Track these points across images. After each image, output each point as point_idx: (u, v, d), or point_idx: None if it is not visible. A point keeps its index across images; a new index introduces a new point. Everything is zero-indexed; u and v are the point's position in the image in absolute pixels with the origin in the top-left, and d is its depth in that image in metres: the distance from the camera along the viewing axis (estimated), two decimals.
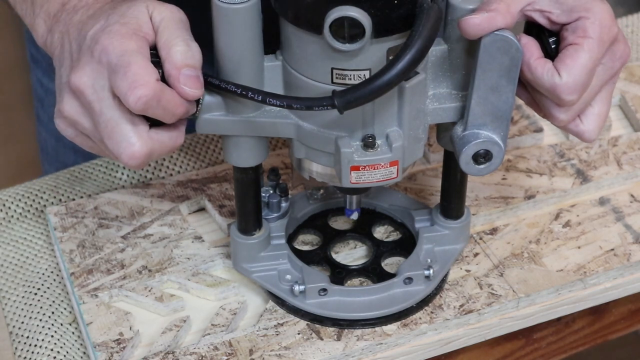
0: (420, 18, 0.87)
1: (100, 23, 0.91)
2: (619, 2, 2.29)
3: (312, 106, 0.90)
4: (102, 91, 0.89)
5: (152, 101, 0.87)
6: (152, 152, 0.90)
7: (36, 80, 1.42)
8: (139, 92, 0.86)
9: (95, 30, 0.90)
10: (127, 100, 0.87)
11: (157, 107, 0.88)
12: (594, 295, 1.09)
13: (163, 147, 0.91)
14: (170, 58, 0.89)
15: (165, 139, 0.91)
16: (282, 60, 0.95)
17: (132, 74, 0.87)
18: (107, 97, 0.89)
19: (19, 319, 1.09)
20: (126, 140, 0.89)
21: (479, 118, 0.95)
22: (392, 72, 0.86)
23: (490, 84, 0.93)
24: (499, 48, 0.91)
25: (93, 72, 0.89)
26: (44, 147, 1.45)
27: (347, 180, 0.95)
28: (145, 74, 0.87)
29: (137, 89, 0.86)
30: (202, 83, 0.90)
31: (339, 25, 0.87)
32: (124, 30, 0.89)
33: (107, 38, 0.89)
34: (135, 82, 0.86)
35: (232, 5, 0.89)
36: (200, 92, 0.90)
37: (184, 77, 0.89)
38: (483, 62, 0.92)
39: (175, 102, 0.89)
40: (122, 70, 0.87)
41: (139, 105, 0.87)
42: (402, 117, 0.94)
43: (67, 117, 0.92)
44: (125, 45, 0.88)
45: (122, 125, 0.89)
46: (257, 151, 0.99)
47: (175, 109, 0.90)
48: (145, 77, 0.87)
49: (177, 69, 0.88)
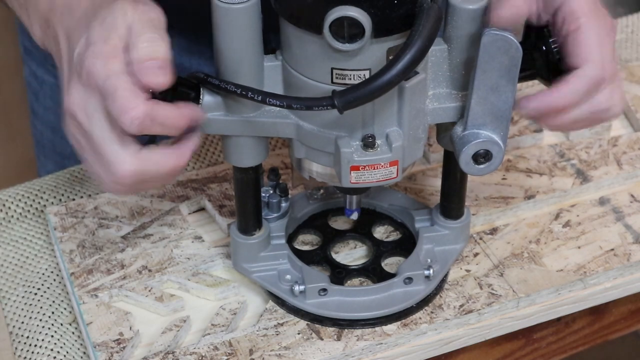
0: (420, 18, 0.87)
1: (83, 38, 0.90)
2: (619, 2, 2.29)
3: (312, 106, 0.89)
4: (94, 112, 0.89)
5: (146, 121, 0.87)
6: (143, 172, 0.90)
7: (30, 73, 1.41)
8: (130, 115, 0.86)
9: (80, 49, 0.90)
10: (121, 124, 0.87)
11: (153, 125, 0.88)
12: (594, 295, 1.09)
13: (157, 166, 0.90)
14: (133, 57, 0.88)
15: (159, 158, 0.90)
16: (282, 60, 0.95)
17: (120, 98, 0.86)
18: (99, 118, 0.89)
19: (19, 319, 1.09)
20: (115, 159, 0.89)
21: (479, 118, 0.95)
22: (392, 72, 0.86)
23: (490, 83, 0.93)
24: (499, 48, 0.91)
25: (85, 95, 0.89)
26: (39, 140, 1.45)
27: (347, 180, 0.95)
28: (133, 96, 0.87)
29: (127, 113, 0.86)
30: (168, 71, 0.88)
31: (339, 25, 0.87)
32: (106, 49, 0.88)
33: (91, 60, 0.88)
34: (124, 106, 0.86)
35: (232, 5, 0.89)
36: (167, 80, 0.88)
37: (145, 68, 0.87)
38: (483, 62, 0.92)
39: (173, 115, 0.89)
40: (111, 96, 0.87)
41: (134, 128, 0.87)
42: (402, 117, 0.94)
43: (71, 135, 0.93)
44: (109, 67, 0.88)
45: (110, 144, 0.89)
46: (257, 151, 0.99)
47: (176, 122, 0.89)
48: (133, 100, 0.87)
49: (139, 64, 0.87)
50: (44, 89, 1.40)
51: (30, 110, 1.45)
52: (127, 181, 0.90)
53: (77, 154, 0.96)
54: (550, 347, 1.14)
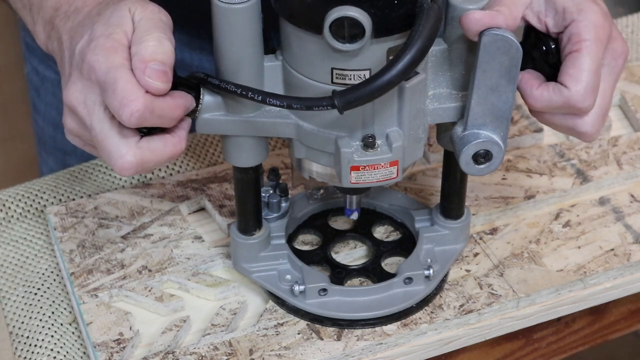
0: (420, 18, 0.87)
1: (87, 34, 0.91)
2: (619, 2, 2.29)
3: (312, 106, 0.89)
4: (94, 105, 0.90)
5: (145, 114, 0.88)
6: (144, 161, 0.91)
7: (32, 69, 1.41)
8: (130, 107, 0.87)
9: (82, 45, 0.91)
10: (120, 117, 0.87)
11: (152, 117, 0.88)
12: (594, 295, 1.09)
13: (157, 155, 0.91)
14: (139, 52, 0.88)
15: (159, 147, 0.91)
16: (282, 60, 0.95)
17: (120, 90, 0.87)
18: (98, 110, 0.90)
19: (19, 319, 1.09)
20: (116, 152, 0.90)
21: (479, 118, 0.95)
22: (392, 72, 0.86)
23: (490, 84, 0.93)
24: (498, 48, 0.91)
25: (84, 88, 0.90)
26: (41, 136, 1.45)
27: (347, 180, 0.95)
28: (134, 89, 0.87)
29: (127, 105, 0.87)
30: (169, 78, 0.89)
31: (339, 25, 0.87)
32: (109, 44, 0.89)
33: (93, 55, 0.89)
34: (124, 99, 0.87)
35: (232, 6, 0.89)
36: (166, 87, 0.89)
37: (150, 70, 0.88)
38: (483, 62, 0.92)
39: (170, 107, 0.90)
40: (111, 88, 0.87)
41: (133, 120, 0.87)
42: (402, 117, 0.94)
43: (70, 130, 0.94)
44: (111, 61, 0.88)
45: (110, 137, 0.90)
46: (257, 151, 0.99)
47: (172, 113, 0.90)
48: (134, 92, 0.87)
49: (143, 62, 0.88)
50: (45, 85, 1.40)
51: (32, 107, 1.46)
52: (128, 172, 0.90)
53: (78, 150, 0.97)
54: (550, 347, 1.14)
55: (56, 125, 1.40)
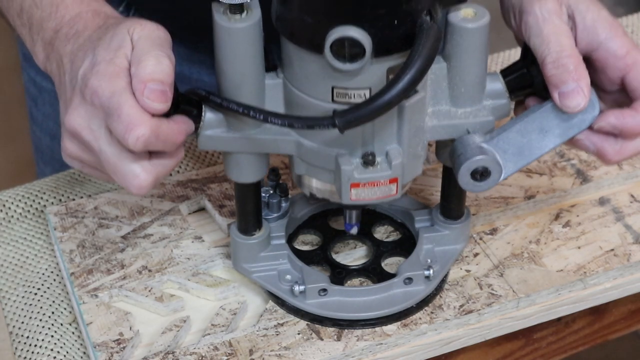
0: (420, 38, 0.87)
1: (88, 59, 0.91)
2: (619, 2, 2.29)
3: (313, 126, 0.90)
4: (99, 130, 0.90)
5: (151, 138, 0.88)
6: (158, 178, 0.92)
7: (29, 79, 1.41)
8: (136, 132, 0.87)
9: (85, 70, 0.90)
10: (125, 142, 0.87)
11: (157, 142, 0.89)
12: (594, 295, 1.09)
13: (167, 169, 0.93)
14: (137, 72, 0.88)
15: (168, 162, 0.92)
16: (283, 78, 0.95)
17: (125, 116, 0.87)
18: (104, 134, 0.90)
19: (19, 319, 1.09)
20: (130, 173, 0.90)
21: (507, 144, 0.94)
22: (392, 92, 0.87)
23: (545, 125, 0.92)
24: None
25: (87, 113, 0.90)
26: (38, 146, 1.45)
27: (347, 197, 0.96)
28: (138, 114, 0.87)
29: (133, 130, 0.87)
30: (169, 98, 0.89)
31: (340, 45, 0.88)
32: (111, 69, 0.89)
33: (96, 80, 0.89)
34: (130, 124, 0.87)
35: (234, 25, 0.90)
36: (165, 107, 0.89)
37: (148, 91, 0.88)
38: (557, 106, 0.93)
39: (174, 132, 0.90)
40: (115, 113, 0.87)
41: (139, 145, 0.88)
42: (401, 135, 0.95)
43: (70, 154, 0.93)
44: (114, 86, 0.88)
45: (123, 160, 0.90)
46: (257, 167, 1.00)
47: (175, 138, 0.91)
48: (139, 117, 0.87)
49: (142, 83, 0.88)
50: (42, 96, 1.40)
51: (29, 117, 1.46)
52: (145, 190, 0.91)
53: None
54: (550, 347, 1.14)
55: (53, 135, 1.40)
